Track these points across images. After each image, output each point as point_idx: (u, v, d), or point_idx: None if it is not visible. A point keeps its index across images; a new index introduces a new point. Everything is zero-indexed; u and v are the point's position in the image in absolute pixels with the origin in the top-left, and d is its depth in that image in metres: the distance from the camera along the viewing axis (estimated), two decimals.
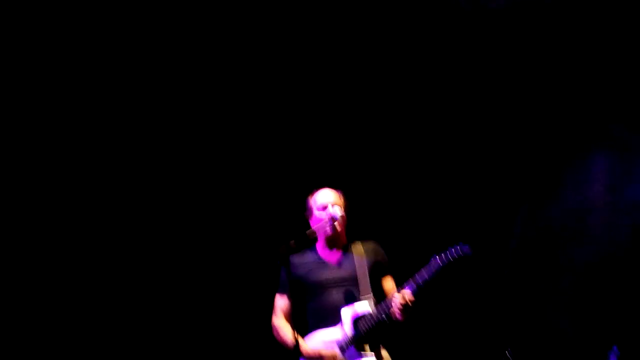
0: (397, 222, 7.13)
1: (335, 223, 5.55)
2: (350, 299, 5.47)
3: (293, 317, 5.59)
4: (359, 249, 5.66)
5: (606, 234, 6.76)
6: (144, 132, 7.21)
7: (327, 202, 5.63)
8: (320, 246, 5.70)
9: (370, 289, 5.48)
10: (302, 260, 5.66)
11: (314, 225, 5.61)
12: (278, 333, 5.60)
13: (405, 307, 5.24)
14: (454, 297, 6.90)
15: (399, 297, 5.26)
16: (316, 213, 5.65)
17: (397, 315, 5.29)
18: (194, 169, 7.29)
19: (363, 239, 5.74)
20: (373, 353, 5.40)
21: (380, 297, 5.50)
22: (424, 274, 5.27)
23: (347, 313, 5.44)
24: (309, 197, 5.74)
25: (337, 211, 5.56)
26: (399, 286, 5.36)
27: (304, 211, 5.74)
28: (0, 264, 6.81)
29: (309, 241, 5.60)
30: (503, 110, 7.06)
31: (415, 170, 7.26)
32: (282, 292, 5.63)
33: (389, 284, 5.64)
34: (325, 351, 5.40)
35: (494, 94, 7.04)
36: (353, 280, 5.52)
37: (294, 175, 7.06)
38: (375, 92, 7.25)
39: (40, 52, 6.78)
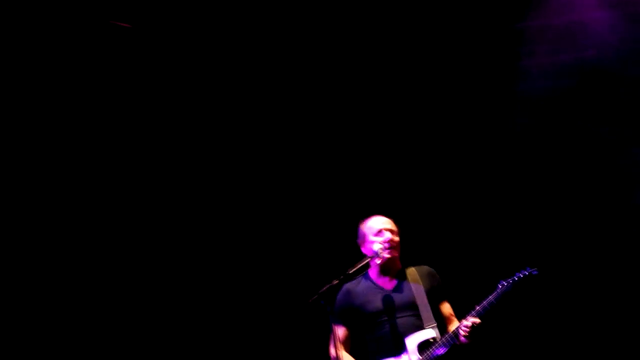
0: (453, 245, 7.11)
1: (387, 252, 5.48)
2: (414, 327, 5.42)
3: (353, 348, 5.55)
4: (414, 275, 5.60)
5: None
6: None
7: (382, 227, 5.58)
8: (374, 273, 5.64)
9: (432, 317, 5.45)
10: (357, 289, 5.60)
11: (367, 251, 5.55)
12: None
13: (472, 331, 5.22)
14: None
15: (466, 323, 5.24)
16: (371, 238, 5.57)
17: (464, 340, 5.26)
18: (239, 203, 7.33)
19: (416, 264, 5.69)
20: None
21: (440, 323, 5.47)
22: (491, 299, 5.26)
23: (412, 342, 5.39)
24: (361, 225, 5.67)
25: (394, 238, 5.52)
26: (464, 313, 5.32)
27: (356, 239, 5.68)
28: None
29: (362, 268, 5.50)
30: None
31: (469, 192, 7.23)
32: (336, 322, 5.52)
33: (446, 309, 5.61)
34: None
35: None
36: (413, 308, 5.47)
37: (344, 205, 7.06)
38: (428, 116, 7.25)
39: (40, 52, 6.74)
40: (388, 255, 5.49)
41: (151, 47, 6.96)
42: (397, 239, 5.56)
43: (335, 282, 5.21)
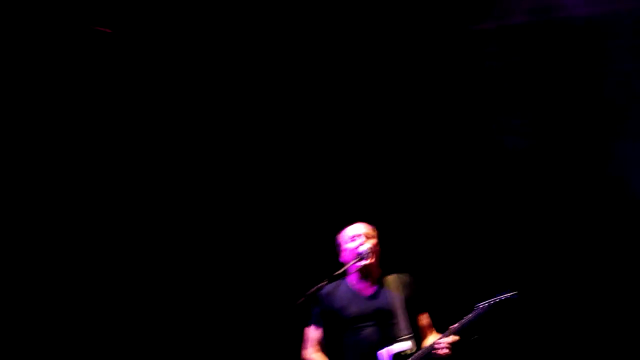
0: (438, 257, 7.17)
1: (363, 261, 5.50)
2: (390, 336, 5.44)
3: (327, 350, 5.56)
4: (393, 283, 5.62)
5: None
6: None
7: (357, 233, 5.60)
8: (354, 278, 5.65)
9: (409, 327, 5.47)
10: (336, 292, 5.61)
11: (345, 259, 5.57)
12: None
13: (449, 347, 5.27)
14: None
15: (444, 340, 5.28)
16: (345, 246, 5.62)
17: (440, 355, 5.29)
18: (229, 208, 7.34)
19: (397, 271, 5.70)
20: None
21: (417, 333, 5.50)
22: (469, 318, 5.30)
23: (388, 352, 5.40)
24: (339, 235, 5.71)
25: (365, 246, 5.52)
26: (443, 325, 5.38)
27: (336, 249, 5.71)
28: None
29: (342, 273, 5.51)
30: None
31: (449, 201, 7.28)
32: (313, 324, 5.58)
33: (424, 320, 5.64)
34: None
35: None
36: (391, 316, 5.49)
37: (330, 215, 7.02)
38: (417, 128, 7.30)
39: (41, 52, 6.71)
40: (365, 262, 5.49)
41: (143, 48, 6.93)
42: (370, 244, 5.55)
43: (323, 284, 5.23)
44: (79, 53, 6.72)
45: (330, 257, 5.74)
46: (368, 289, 5.59)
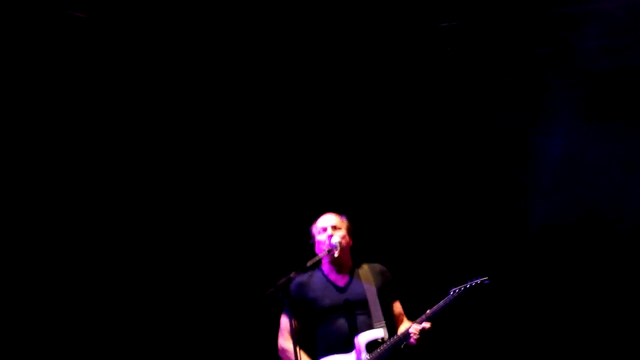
0: (409, 246, 7.21)
1: (335, 252, 5.51)
2: (363, 325, 5.47)
3: (300, 341, 5.54)
4: (366, 272, 5.64)
5: None
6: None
7: (326, 225, 5.62)
8: (326, 268, 5.67)
9: (382, 316, 5.49)
10: (309, 283, 5.63)
11: (317, 250, 5.59)
12: (285, 355, 5.57)
13: (422, 334, 5.28)
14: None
15: (417, 327, 5.29)
16: (317, 237, 5.64)
17: (414, 342, 5.32)
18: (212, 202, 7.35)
19: (370, 261, 5.73)
20: None
21: (390, 322, 5.53)
22: (442, 304, 5.32)
23: (361, 340, 5.42)
24: (312, 226, 5.72)
25: (333, 239, 5.53)
26: (415, 314, 5.39)
27: (310, 239, 5.71)
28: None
29: (314, 265, 5.52)
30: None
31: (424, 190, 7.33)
32: (287, 313, 5.53)
33: (397, 308, 5.67)
34: None
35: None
36: (364, 306, 5.51)
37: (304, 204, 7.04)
38: (392, 118, 7.32)
39: (41, 52, 6.68)
40: (332, 257, 5.52)
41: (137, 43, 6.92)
42: (339, 240, 5.55)
43: (293, 275, 5.21)
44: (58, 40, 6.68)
45: (306, 248, 5.74)
46: (341, 280, 5.60)
